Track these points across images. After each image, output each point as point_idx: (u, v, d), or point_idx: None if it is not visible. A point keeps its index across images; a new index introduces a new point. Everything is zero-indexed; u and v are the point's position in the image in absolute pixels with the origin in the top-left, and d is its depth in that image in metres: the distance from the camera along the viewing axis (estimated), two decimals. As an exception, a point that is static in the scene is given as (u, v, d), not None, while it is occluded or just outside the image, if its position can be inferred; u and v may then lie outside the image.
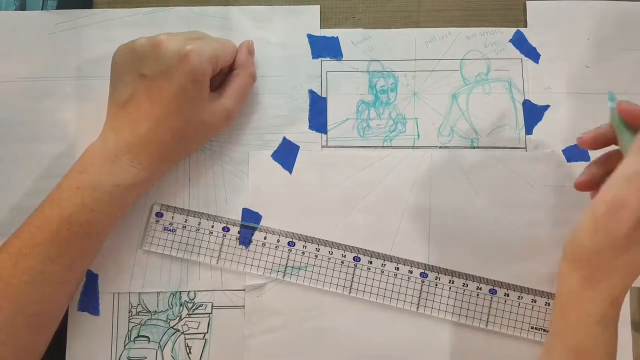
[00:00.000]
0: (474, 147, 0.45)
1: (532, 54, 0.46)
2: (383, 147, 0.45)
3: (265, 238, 0.44)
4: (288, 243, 0.44)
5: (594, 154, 0.45)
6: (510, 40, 0.46)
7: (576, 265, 0.35)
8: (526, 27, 0.47)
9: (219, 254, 0.43)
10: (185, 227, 0.44)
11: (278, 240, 0.44)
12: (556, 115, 0.45)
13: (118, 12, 0.46)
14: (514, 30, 0.47)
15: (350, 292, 0.43)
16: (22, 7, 0.47)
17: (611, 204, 0.32)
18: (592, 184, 0.38)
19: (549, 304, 0.43)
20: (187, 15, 0.46)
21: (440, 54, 0.46)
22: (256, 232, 0.44)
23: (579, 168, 0.45)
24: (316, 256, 0.44)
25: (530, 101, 0.46)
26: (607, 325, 0.34)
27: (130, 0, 0.47)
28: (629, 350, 0.43)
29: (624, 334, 0.43)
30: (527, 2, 0.47)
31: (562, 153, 0.45)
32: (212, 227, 0.44)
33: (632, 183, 0.32)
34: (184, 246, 0.43)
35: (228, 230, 0.44)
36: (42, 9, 0.46)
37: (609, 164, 0.38)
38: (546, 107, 0.46)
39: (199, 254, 0.43)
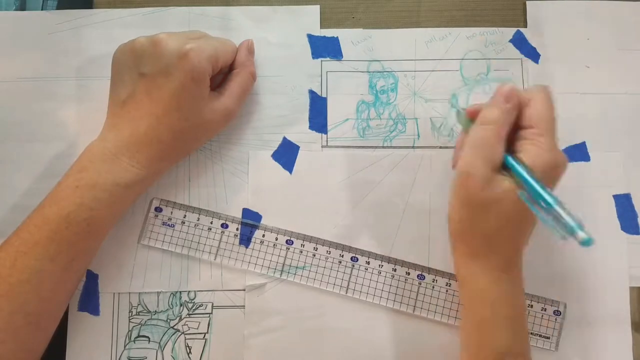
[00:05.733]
0: (474, 147, 0.45)
1: (532, 54, 0.46)
2: (383, 147, 0.45)
3: (263, 236, 0.44)
4: (286, 241, 0.44)
5: (593, 154, 0.45)
6: (510, 41, 0.47)
7: (456, 242, 0.39)
8: (526, 27, 0.47)
9: (217, 250, 0.43)
10: (184, 222, 0.44)
11: (276, 239, 0.44)
12: (556, 115, 0.45)
13: (118, 12, 0.46)
14: (514, 30, 0.47)
15: (347, 291, 0.43)
16: (22, 7, 0.47)
17: (461, 172, 0.36)
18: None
19: (545, 309, 0.43)
20: (187, 15, 0.46)
21: (440, 54, 0.46)
22: (254, 230, 0.44)
23: (579, 168, 0.45)
24: (314, 255, 0.44)
25: (530, 101, 0.46)
26: (501, 292, 0.36)
27: (130, 0, 0.47)
28: (629, 350, 0.43)
29: (624, 334, 0.43)
30: (527, 2, 0.47)
31: (562, 153, 0.45)
32: (211, 223, 0.44)
33: (476, 149, 0.36)
34: (182, 241, 0.44)
35: (227, 227, 0.44)
36: (42, 9, 0.46)
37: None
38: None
39: (197, 249, 0.43)
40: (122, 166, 0.38)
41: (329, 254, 0.44)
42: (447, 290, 0.43)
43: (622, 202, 0.44)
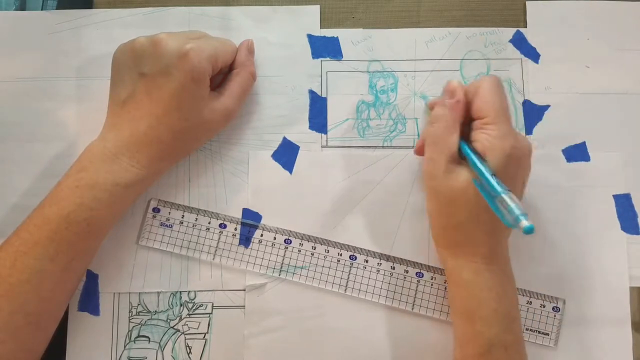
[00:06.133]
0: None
1: (532, 54, 0.46)
2: (383, 147, 0.45)
3: (261, 235, 0.44)
4: (284, 241, 0.44)
5: (593, 154, 0.45)
6: (510, 40, 0.47)
7: (436, 237, 0.40)
8: (526, 27, 0.47)
9: (216, 250, 0.43)
10: (182, 222, 0.44)
11: (274, 238, 0.44)
12: (556, 115, 0.45)
13: (118, 12, 0.46)
14: (514, 30, 0.47)
15: (346, 290, 0.43)
16: (22, 7, 0.47)
17: (424, 169, 0.39)
18: (421, 150, 0.41)
19: (544, 306, 0.43)
20: (187, 15, 0.46)
21: (440, 54, 0.46)
22: (253, 230, 0.44)
23: (579, 168, 0.45)
24: (312, 254, 0.44)
25: (530, 101, 0.46)
26: (486, 283, 0.37)
27: (130, 0, 0.47)
28: (629, 350, 0.43)
29: (624, 334, 0.43)
30: (527, 2, 0.47)
31: (562, 153, 0.45)
32: (209, 223, 0.44)
33: (431, 146, 0.38)
34: (181, 242, 0.44)
35: (225, 227, 0.44)
36: (42, 9, 0.46)
37: None
38: (546, 107, 0.46)
39: (195, 250, 0.43)
40: (122, 166, 0.38)
41: (327, 252, 0.44)
42: (445, 288, 0.43)
43: (622, 202, 0.44)
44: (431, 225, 0.41)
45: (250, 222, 0.44)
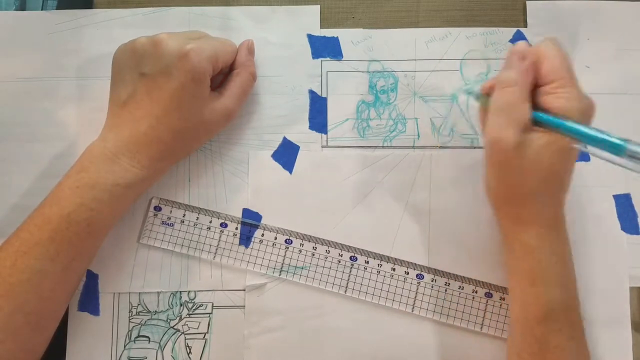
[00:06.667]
0: (474, 147, 0.45)
1: (532, 54, 0.46)
2: (383, 147, 0.45)
3: (262, 235, 0.44)
4: (285, 241, 0.44)
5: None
6: (510, 40, 0.47)
7: (499, 208, 0.39)
8: (526, 27, 0.47)
9: (217, 249, 0.44)
10: (183, 221, 0.44)
11: (275, 238, 0.44)
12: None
13: (118, 12, 0.46)
14: (514, 30, 0.47)
15: (346, 291, 0.43)
16: (22, 7, 0.47)
17: (491, 138, 0.36)
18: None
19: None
20: (187, 15, 0.46)
21: (440, 54, 0.46)
22: (254, 230, 0.44)
23: (579, 168, 0.45)
24: (313, 255, 0.44)
25: (530, 101, 0.46)
26: (551, 247, 0.37)
27: (130, 0, 0.47)
28: (629, 350, 0.43)
29: (624, 334, 0.43)
30: (527, 2, 0.47)
31: (562, 153, 0.45)
32: (210, 222, 0.44)
33: (501, 113, 0.36)
34: (182, 241, 0.44)
35: (226, 226, 0.44)
36: (42, 9, 0.46)
37: None
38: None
39: (196, 249, 0.43)
40: (122, 166, 0.38)
41: (328, 253, 0.44)
42: (445, 290, 0.43)
43: (622, 202, 0.44)
44: (492, 196, 0.39)
45: (251, 222, 0.44)
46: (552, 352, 0.36)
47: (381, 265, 0.43)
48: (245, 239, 0.44)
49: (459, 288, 0.43)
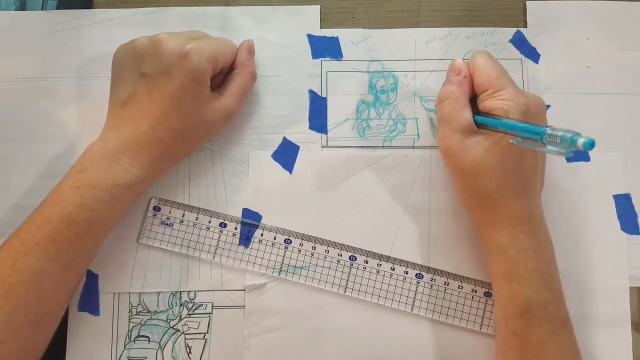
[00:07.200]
0: (474, 147, 0.45)
1: (532, 54, 0.46)
2: (383, 147, 0.45)
3: (262, 235, 0.44)
4: (284, 240, 0.44)
5: (593, 154, 0.45)
6: (510, 41, 0.47)
7: (469, 212, 0.41)
8: (526, 27, 0.47)
9: (216, 249, 0.44)
10: (182, 221, 0.44)
11: (274, 238, 0.44)
12: (556, 115, 0.45)
13: (118, 12, 0.46)
14: (514, 30, 0.47)
15: (345, 291, 0.43)
16: (22, 7, 0.47)
17: (441, 150, 0.40)
18: None
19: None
20: (187, 15, 0.46)
21: (440, 54, 0.46)
22: (254, 230, 0.44)
23: (579, 168, 0.45)
24: (312, 254, 0.44)
25: (530, 101, 0.46)
26: (523, 245, 0.38)
27: (130, 0, 0.47)
28: (629, 350, 0.43)
29: (624, 334, 0.43)
30: (527, 2, 0.47)
31: (562, 153, 0.45)
32: (210, 222, 0.44)
33: (443, 124, 0.40)
34: (181, 240, 0.44)
35: (225, 226, 0.44)
36: (42, 9, 0.46)
37: None
38: (546, 107, 0.46)
39: (195, 248, 0.43)
40: (122, 166, 0.38)
41: (327, 253, 0.44)
42: (445, 290, 0.43)
43: (622, 202, 0.44)
44: (462, 202, 0.41)
45: (250, 222, 0.44)
46: (532, 346, 0.37)
47: (380, 264, 0.44)
48: (245, 239, 0.44)
49: (458, 287, 0.43)
